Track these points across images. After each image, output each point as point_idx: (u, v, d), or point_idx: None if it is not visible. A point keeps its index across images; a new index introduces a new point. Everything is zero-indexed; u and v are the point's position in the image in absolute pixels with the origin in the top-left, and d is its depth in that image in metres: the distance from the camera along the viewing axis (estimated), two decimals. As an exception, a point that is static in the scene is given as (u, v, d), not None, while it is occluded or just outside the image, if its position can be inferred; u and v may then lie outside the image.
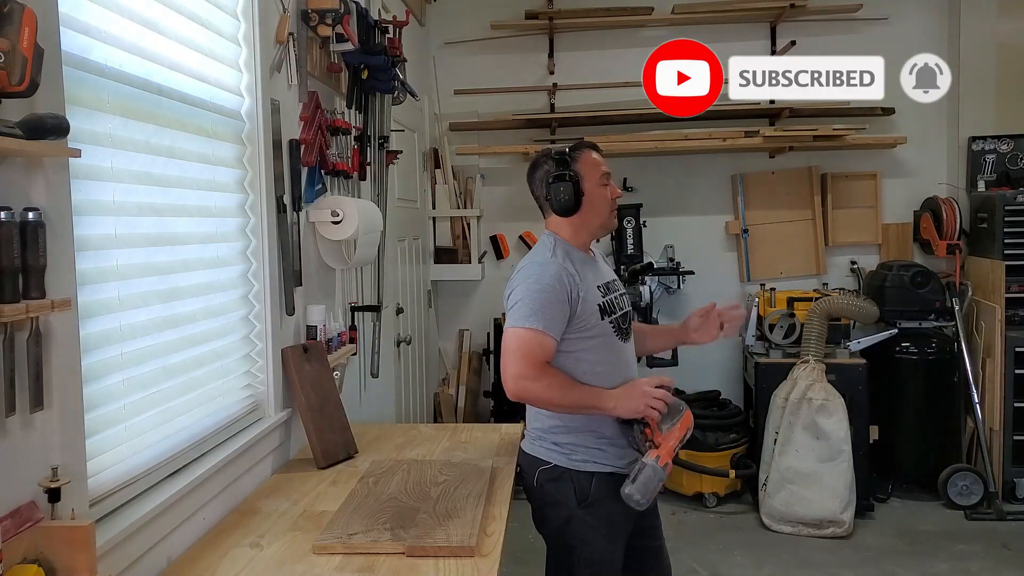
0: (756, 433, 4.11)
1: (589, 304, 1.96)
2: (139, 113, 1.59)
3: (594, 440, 1.98)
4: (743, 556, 3.62)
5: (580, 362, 1.97)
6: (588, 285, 1.98)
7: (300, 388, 2.23)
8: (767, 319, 4.15)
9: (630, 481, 1.86)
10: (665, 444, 1.88)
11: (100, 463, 1.45)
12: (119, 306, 1.53)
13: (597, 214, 2.04)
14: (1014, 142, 4.39)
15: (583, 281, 1.96)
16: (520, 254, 4.83)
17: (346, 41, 2.56)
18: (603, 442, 1.99)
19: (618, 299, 2.07)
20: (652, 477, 1.85)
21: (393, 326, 3.60)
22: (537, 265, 1.97)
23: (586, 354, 1.97)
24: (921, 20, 4.54)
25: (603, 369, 1.99)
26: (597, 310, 1.97)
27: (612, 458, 1.99)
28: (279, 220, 2.21)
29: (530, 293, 1.91)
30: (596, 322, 1.97)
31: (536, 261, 1.99)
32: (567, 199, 1.99)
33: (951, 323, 4.17)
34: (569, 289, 1.92)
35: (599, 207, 2.04)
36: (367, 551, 1.60)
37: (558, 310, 1.91)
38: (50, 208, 1.24)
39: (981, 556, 3.55)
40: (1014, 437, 4.05)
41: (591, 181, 2.02)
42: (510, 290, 1.97)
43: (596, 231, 2.10)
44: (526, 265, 2.00)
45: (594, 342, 1.97)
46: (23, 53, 1.11)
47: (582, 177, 2.01)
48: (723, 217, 4.73)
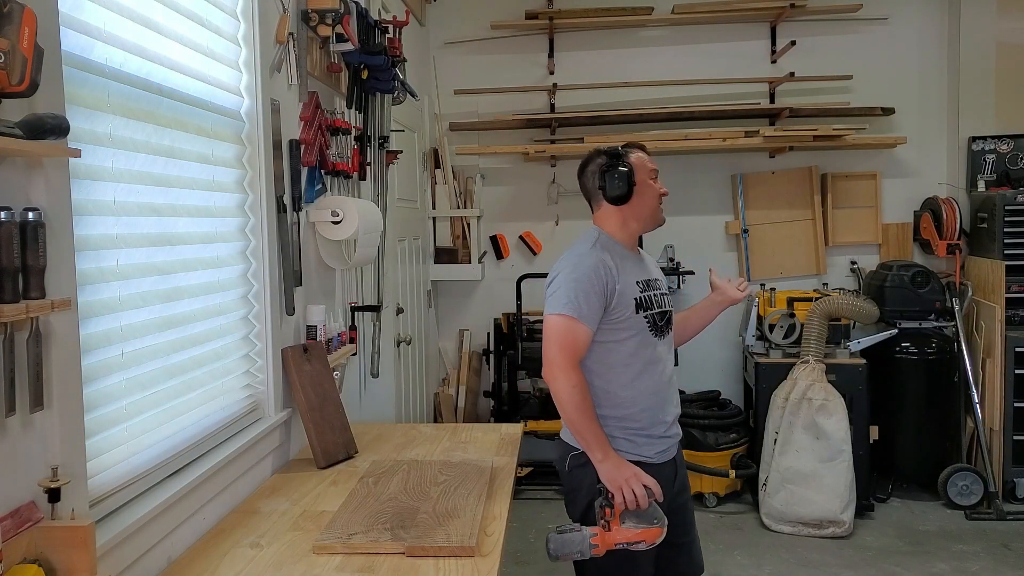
0: (756, 433, 4.11)
1: (625, 297, 2.03)
2: (139, 113, 1.59)
3: (621, 431, 2.05)
4: (743, 556, 3.62)
5: (611, 353, 2.04)
6: (626, 278, 2.05)
7: (300, 388, 2.23)
8: (767, 319, 4.15)
9: (556, 532, 1.90)
10: (612, 535, 1.88)
11: (100, 463, 1.45)
12: (119, 306, 1.53)
13: (647, 205, 2.12)
14: (1014, 142, 4.39)
15: (621, 274, 2.03)
16: (520, 254, 4.84)
17: (346, 41, 2.56)
18: (630, 432, 2.06)
19: (657, 297, 2.13)
20: (575, 545, 1.87)
21: (393, 326, 3.60)
22: (576, 255, 2.06)
23: (618, 346, 2.04)
24: (921, 20, 4.54)
25: (634, 363, 2.06)
26: (633, 304, 2.04)
27: (638, 447, 2.06)
28: (279, 220, 2.21)
29: (567, 282, 2.00)
30: (631, 315, 2.04)
31: (576, 252, 2.08)
32: (620, 187, 2.08)
33: (951, 323, 4.17)
34: (605, 280, 2.00)
35: (648, 199, 2.12)
36: (367, 551, 1.60)
37: (594, 300, 1.98)
38: (50, 208, 1.24)
39: (981, 556, 3.55)
40: (1014, 437, 4.05)
41: (642, 173, 2.12)
42: (550, 280, 2.07)
43: (646, 222, 2.16)
44: (566, 256, 2.10)
45: (628, 335, 2.04)
46: (23, 53, 1.11)
47: (635, 170, 2.11)
48: (723, 217, 4.73)
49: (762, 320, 4.17)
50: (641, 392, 2.07)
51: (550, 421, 4.39)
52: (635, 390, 2.06)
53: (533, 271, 4.60)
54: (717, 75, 4.54)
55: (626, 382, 2.05)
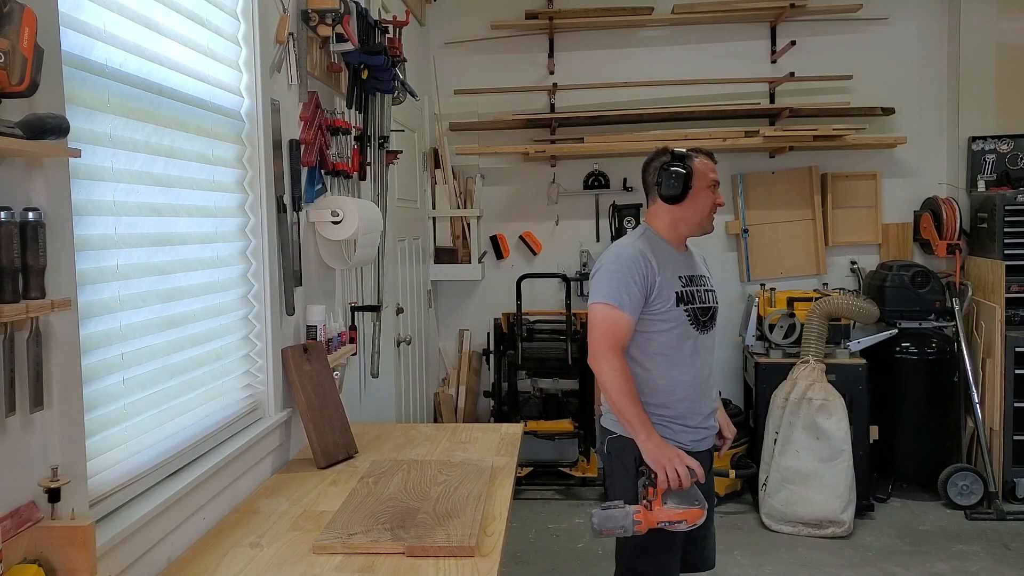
0: (756, 433, 4.11)
1: (666, 290, 2.10)
2: (139, 113, 1.59)
3: (658, 418, 2.12)
4: (743, 556, 3.62)
5: (650, 343, 2.12)
6: (668, 272, 2.11)
7: (300, 388, 2.23)
8: (767, 319, 4.15)
9: (601, 508, 1.95)
10: (654, 514, 1.94)
11: (100, 463, 1.45)
12: (119, 306, 1.53)
13: (698, 211, 2.18)
14: (1014, 142, 4.39)
15: (662, 268, 2.10)
16: (520, 254, 4.83)
17: (346, 41, 2.56)
18: (667, 419, 2.13)
19: (701, 292, 2.18)
20: (618, 521, 1.91)
21: (393, 326, 3.60)
22: (619, 247, 2.19)
23: (657, 336, 2.12)
24: (921, 20, 4.54)
25: (672, 353, 2.13)
26: (674, 296, 2.10)
27: (675, 434, 2.13)
28: (279, 220, 2.21)
29: (609, 273, 2.11)
30: (671, 307, 2.10)
31: (620, 244, 2.18)
32: (676, 186, 2.14)
33: (951, 323, 4.17)
34: (645, 272, 2.09)
35: (702, 205, 2.18)
36: (367, 551, 1.60)
37: (634, 289, 2.08)
38: (50, 208, 1.24)
39: (981, 556, 3.56)
40: (1014, 437, 4.05)
41: (701, 180, 2.16)
42: (594, 271, 2.18)
43: (693, 227, 2.21)
44: (611, 248, 2.22)
45: (667, 327, 2.11)
46: (23, 53, 1.11)
47: (695, 174, 2.16)
48: (723, 217, 4.72)
49: (762, 320, 4.17)
50: (679, 382, 2.14)
51: (550, 421, 4.40)
52: (674, 380, 2.14)
53: (533, 271, 4.60)
54: (717, 75, 4.54)
55: (665, 371, 2.13)
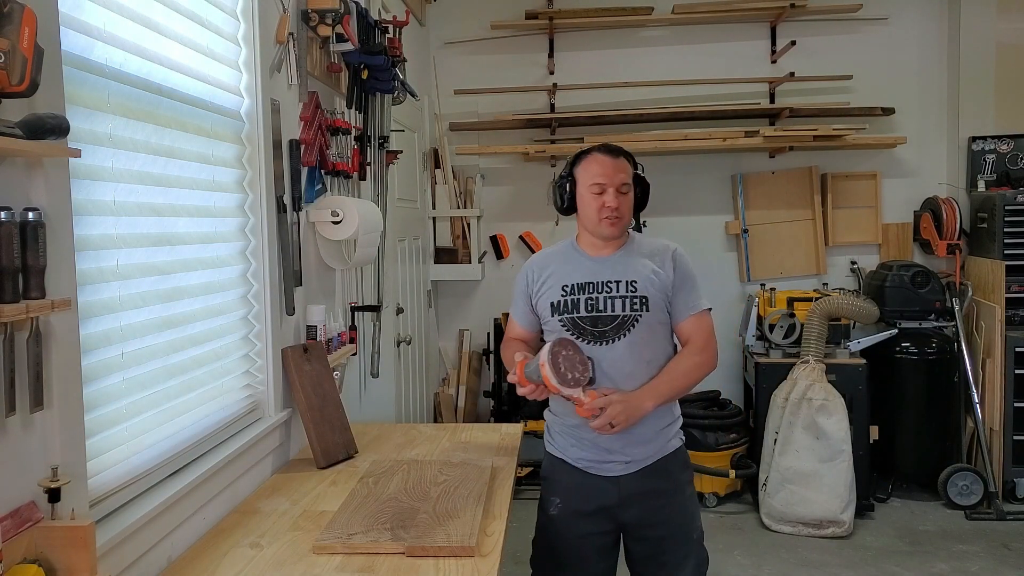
0: (756, 433, 4.11)
1: (543, 299, 2.11)
2: (139, 113, 1.59)
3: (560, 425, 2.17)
4: (743, 556, 3.62)
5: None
6: (552, 282, 2.10)
7: (300, 388, 2.23)
8: (767, 319, 4.15)
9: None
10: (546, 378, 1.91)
11: (100, 463, 1.45)
12: (119, 306, 1.53)
13: (588, 216, 2.08)
14: (1014, 142, 4.39)
15: (549, 277, 2.11)
16: (520, 254, 4.84)
17: (346, 41, 2.56)
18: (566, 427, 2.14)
19: (597, 300, 2.02)
20: (532, 369, 1.93)
21: (393, 326, 3.60)
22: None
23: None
24: (921, 20, 4.54)
25: None
26: (549, 307, 2.10)
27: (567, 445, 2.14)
28: (279, 220, 2.21)
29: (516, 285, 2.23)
30: (548, 317, 2.11)
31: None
32: (558, 199, 2.15)
33: (951, 323, 4.17)
34: (526, 285, 2.16)
35: (585, 213, 2.09)
36: (367, 551, 1.60)
37: (519, 301, 2.19)
38: (50, 208, 1.24)
39: (981, 556, 3.56)
40: (1014, 437, 4.05)
41: (582, 185, 2.08)
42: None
43: (594, 233, 2.08)
44: None
45: (551, 336, 2.10)
46: (23, 53, 1.11)
47: (577, 182, 2.09)
48: (723, 217, 4.73)
49: (762, 320, 4.17)
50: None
51: (550, 421, 4.39)
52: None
53: (533, 271, 4.59)
54: (717, 75, 4.54)
55: None
